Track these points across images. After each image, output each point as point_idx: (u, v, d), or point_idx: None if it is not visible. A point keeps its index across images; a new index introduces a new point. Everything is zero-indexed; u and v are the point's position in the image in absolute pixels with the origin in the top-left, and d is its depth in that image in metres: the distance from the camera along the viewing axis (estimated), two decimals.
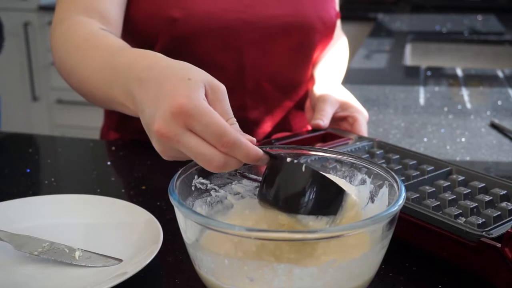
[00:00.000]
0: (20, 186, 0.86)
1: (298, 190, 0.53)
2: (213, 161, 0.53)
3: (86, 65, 0.75)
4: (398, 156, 0.80)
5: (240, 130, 0.56)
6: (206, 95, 0.56)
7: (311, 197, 0.53)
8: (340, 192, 0.54)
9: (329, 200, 0.54)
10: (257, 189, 0.63)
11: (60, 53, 0.83)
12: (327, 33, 1.05)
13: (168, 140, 0.54)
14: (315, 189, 0.53)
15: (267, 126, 1.06)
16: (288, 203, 0.54)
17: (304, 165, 0.53)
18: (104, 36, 0.78)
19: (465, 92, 1.44)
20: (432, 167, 0.75)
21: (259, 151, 0.54)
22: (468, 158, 0.99)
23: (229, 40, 0.96)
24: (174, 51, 0.88)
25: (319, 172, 0.54)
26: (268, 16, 0.97)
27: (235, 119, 0.56)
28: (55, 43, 0.85)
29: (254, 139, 0.56)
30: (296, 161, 0.54)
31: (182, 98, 0.53)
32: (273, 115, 1.06)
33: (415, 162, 0.78)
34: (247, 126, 1.03)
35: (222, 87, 0.57)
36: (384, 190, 0.57)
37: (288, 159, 0.54)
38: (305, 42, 1.02)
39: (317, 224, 0.53)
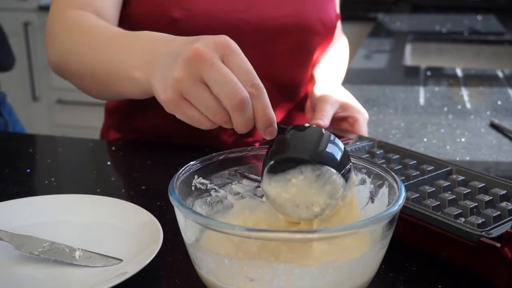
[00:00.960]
0: (20, 186, 0.86)
1: (318, 141, 0.55)
2: (239, 92, 0.54)
3: (92, 44, 0.76)
4: (398, 156, 0.80)
5: None
6: None
7: (330, 151, 0.55)
8: (349, 160, 0.57)
9: (343, 161, 0.56)
10: (258, 189, 0.63)
11: (60, 42, 0.84)
12: (327, 35, 1.05)
13: (203, 60, 0.55)
14: (332, 145, 0.56)
15: None
16: (309, 152, 0.55)
17: (323, 129, 0.56)
18: (112, 26, 0.80)
19: (465, 92, 1.44)
20: (432, 167, 0.75)
21: (273, 114, 0.56)
22: (468, 158, 0.99)
23: None
24: None
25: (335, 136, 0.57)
26: (269, 17, 0.97)
27: None
28: (54, 34, 0.85)
29: None
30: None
31: (227, 37, 0.57)
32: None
33: (415, 162, 0.78)
34: None
35: None
36: (384, 190, 0.57)
37: (306, 124, 0.56)
38: (305, 43, 1.02)
39: (339, 180, 0.55)
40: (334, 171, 0.54)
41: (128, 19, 0.94)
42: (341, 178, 0.55)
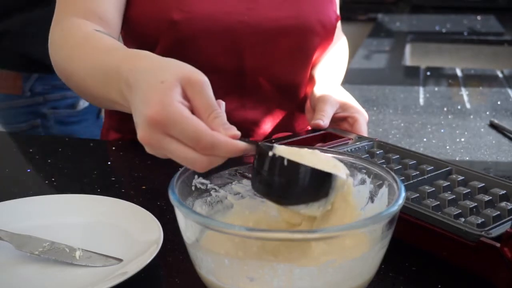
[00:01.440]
0: (20, 186, 0.86)
1: (283, 183, 0.54)
2: (195, 163, 0.54)
3: (82, 68, 0.76)
4: (398, 156, 0.80)
5: (226, 122, 0.55)
6: (185, 92, 0.55)
7: (297, 189, 0.54)
8: (327, 177, 0.54)
9: (317, 188, 0.54)
10: None
11: (57, 57, 0.84)
12: (327, 36, 1.05)
13: (152, 146, 0.55)
14: (300, 180, 0.53)
15: (267, 127, 1.06)
16: (276, 196, 0.55)
17: (285, 159, 0.53)
18: (97, 37, 0.79)
19: (464, 92, 1.44)
20: (432, 167, 0.75)
21: (238, 145, 0.54)
22: (467, 158, 0.99)
23: (230, 43, 0.96)
24: (174, 54, 0.88)
25: (302, 165, 0.53)
26: (269, 19, 0.97)
27: (219, 111, 0.55)
28: (52, 47, 0.85)
29: (238, 133, 0.55)
30: (278, 155, 0.54)
31: (156, 106, 0.53)
32: (273, 116, 1.06)
33: (415, 162, 0.78)
34: (247, 126, 1.03)
35: (201, 80, 0.56)
36: (384, 190, 0.57)
37: (270, 153, 0.54)
38: (305, 44, 1.02)
39: (309, 210, 0.54)
40: (300, 206, 0.54)
41: (129, 22, 0.94)
42: (312, 205, 0.54)
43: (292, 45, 1.01)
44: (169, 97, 0.54)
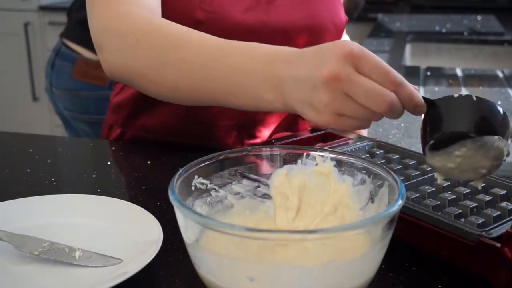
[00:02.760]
0: (20, 186, 0.86)
1: (472, 110, 0.56)
2: (386, 96, 0.57)
3: (182, 74, 0.73)
4: (398, 156, 0.80)
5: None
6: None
7: (487, 117, 0.57)
8: (505, 116, 0.57)
9: (503, 122, 0.57)
10: (258, 189, 0.63)
11: (115, 59, 0.79)
12: (338, 36, 1.08)
13: (339, 81, 0.58)
14: (487, 109, 0.57)
15: (269, 127, 1.06)
16: (466, 125, 0.56)
17: (474, 96, 0.57)
18: (197, 33, 0.76)
19: (464, 92, 1.44)
20: None
21: (420, 96, 0.59)
22: None
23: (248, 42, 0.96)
24: None
25: (490, 101, 0.57)
26: (286, 19, 0.99)
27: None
28: (105, 47, 0.79)
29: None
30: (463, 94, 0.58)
31: (350, 44, 0.59)
32: (280, 115, 1.06)
33: (415, 162, 0.78)
34: (252, 126, 1.03)
35: (365, 54, 0.61)
36: (384, 190, 0.57)
37: (456, 95, 0.57)
38: (318, 44, 1.03)
39: (501, 142, 0.56)
40: (495, 137, 0.56)
41: None
42: (503, 140, 0.56)
43: (307, 45, 1.01)
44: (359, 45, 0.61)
